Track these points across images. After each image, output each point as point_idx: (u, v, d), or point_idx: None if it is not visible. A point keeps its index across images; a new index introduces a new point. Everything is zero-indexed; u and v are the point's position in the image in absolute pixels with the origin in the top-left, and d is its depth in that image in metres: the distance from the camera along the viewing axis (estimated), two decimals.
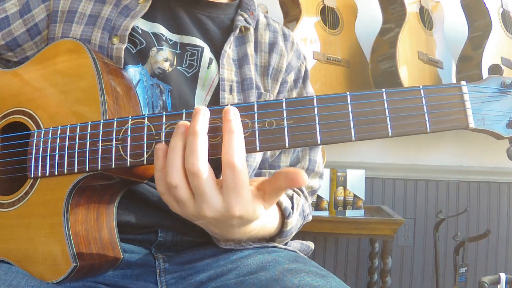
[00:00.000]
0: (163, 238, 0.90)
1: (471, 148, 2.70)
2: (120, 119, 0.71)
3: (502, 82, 0.64)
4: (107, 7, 0.92)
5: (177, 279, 0.88)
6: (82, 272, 0.74)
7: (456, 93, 0.63)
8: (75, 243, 0.73)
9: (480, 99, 0.63)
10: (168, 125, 0.68)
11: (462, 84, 0.63)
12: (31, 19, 0.94)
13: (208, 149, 0.64)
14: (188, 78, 0.93)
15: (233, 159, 0.60)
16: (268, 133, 0.64)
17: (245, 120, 0.65)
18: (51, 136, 0.76)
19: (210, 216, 0.64)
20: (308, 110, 0.63)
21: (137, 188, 0.87)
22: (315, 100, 0.63)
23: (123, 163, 0.69)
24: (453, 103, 0.62)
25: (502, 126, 0.64)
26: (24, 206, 0.77)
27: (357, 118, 0.62)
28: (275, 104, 0.64)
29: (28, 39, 0.95)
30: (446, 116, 0.62)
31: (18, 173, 0.81)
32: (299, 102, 0.64)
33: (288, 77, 1.03)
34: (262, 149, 0.64)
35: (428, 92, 0.62)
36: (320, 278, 0.77)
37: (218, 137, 0.65)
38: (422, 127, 0.62)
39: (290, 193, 0.95)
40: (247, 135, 0.64)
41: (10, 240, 0.78)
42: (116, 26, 0.90)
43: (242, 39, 0.99)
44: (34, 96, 0.82)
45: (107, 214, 0.81)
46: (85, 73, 0.78)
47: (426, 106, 0.62)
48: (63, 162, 0.73)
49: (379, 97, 0.63)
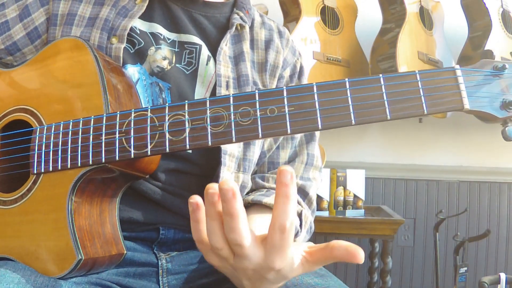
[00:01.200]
0: (164, 235, 0.91)
1: (471, 148, 2.70)
2: (123, 112, 0.72)
3: (494, 65, 0.66)
4: (106, 8, 0.93)
5: (180, 280, 0.89)
6: (86, 267, 0.75)
7: (451, 76, 0.65)
8: (79, 237, 0.73)
9: (474, 81, 0.65)
10: (171, 116, 0.69)
11: (456, 67, 0.65)
12: (31, 23, 0.95)
13: (211, 138, 0.65)
14: (187, 76, 0.94)
15: (286, 223, 0.59)
16: (270, 120, 0.65)
17: (247, 108, 0.66)
18: (53, 131, 0.76)
19: (250, 269, 0.63)
20: (308, 97, 0.65)
21: (139, 186, 0.87)
22: (315, 87, 0.65)
23: (127, 154, 0.70)
24: (448, 85, 0.64)
25: (496, 108, 0.65)
26: (27, 202, 0.78)
27: (356, 103, 0.64)
28: (276, 92, 0.66)
29: (28, 43, 0.96)
30: (442, 99, 0.64)
31: (21, 170, 0.81)
32: (299, 89, 0.65)
33: (285, 73, 1.04)
34: (265, 136, 0.65)
35: (424, 76, 0.64)
36: (318, 277, 0.78)
37: (220, 126, 0.66)
38: (419, 110, 0.64)
39: (299, 210, 0.94)
40: (249, 122, 0.65)
41: (13, 237, 0.78)
42: (114, 26, 0.91)
43: (238, 37, 1.00)
44: (36, 93, 0.82)
45: (110, 209, 0.82)
46: (87, 70, 0.78)
47: (423, 89, 0.64)
48: (66, 157, 0.74)
49: (376, 82, 0.64)
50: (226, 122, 0.66)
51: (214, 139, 0.66)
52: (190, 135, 0.67)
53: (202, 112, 0.67)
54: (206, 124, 0.67)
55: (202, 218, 0.61)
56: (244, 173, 0.97)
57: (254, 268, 0.63)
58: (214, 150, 0.90)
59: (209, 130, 0.67)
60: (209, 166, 0.91)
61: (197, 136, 0.67)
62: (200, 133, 0.67)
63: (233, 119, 0.66)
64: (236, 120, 0.66)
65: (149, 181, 0.88)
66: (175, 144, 0.68)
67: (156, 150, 0.69)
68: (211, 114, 0.66)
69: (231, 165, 0.92)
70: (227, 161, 0.91)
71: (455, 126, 2.67)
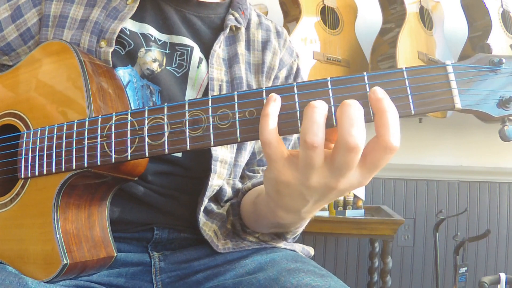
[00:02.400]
0: (159, 235, 0.91)
1: (471, 148, 2.69)
2: (104, 116, 0.71)
3: (490, 60, 0.61)
4: (96, 10, 0.92)
5: (173, 278, 0.89)
6: (75, 270, 0.75)
7: (441, 73, 0.60)
8: (65, 242, 0.73)
9: (467, 78, 0.60)
10: (151, 119, 0.68)
11: (447, 63, 0.61)
12: (23, 24, 0.94)
13: (189, 141, 0.65)
14: (178, 78, 0.93)
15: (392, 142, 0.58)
16: (249, 122, 0.63)
17: (225, 111, 0.64)
18: (39, 136, 0.76)
19: (317, 182, 0.61)
20: (288, 98, 0.62)
21: (130, 188, 0.87)
22: (296, 88, 0.62)
23: (108, 159, 0.70)
24: (438, 83, 0.60)
25: (492, 106, 0.61)
26: (16, 207, 0.78)
27: (338, 103, 0.59)
28: (256, 93, 0.64)
29: (22, 43, 0.95)
30: (430, 98, 0.60)
31: (10, 175, 0.82)
32: (279, 90, 0.63)
33: (280, 73, 1.02)
34: (243, 139, 0.64)
35: (411, 74, 0.60)
36: (319, 278, 0.77)
37: (199, 130, 0.65)
38: (406, 110, 0.60)
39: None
40: (228, 126, 0.64)
41: (3, 241, 0.79)
42: (104, 29, 0.90)
43: (232, 38, 0.98)
44: (24, 98, 0.82)
45: (99, 212, 0.82)
46: (71, 74, 0.78)
47: (410, 88, 0.60)
48: (51, 161, 0.74)
49: (360, 81, 0.61)
50: (205, 125, 0.65)
51: (192, 143, 0.65)
52: (169, 139, 0.66)
53: (181, 116, 0.66)
54: (185, 128, 0.66)
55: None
56: (234, 179, 0.96)
57: (319, 184, 0.61)
58: (205, 154, 0.89)
59: (188, 133, 0.65)
60: (199, 169, 0.91)
61: (176, 140, 0.66)
62: (179, 137, 0.66)
63: (211, 122, 0.65)
64: (215, 123, 0.64)
65: (139, 183, 0.88)
66: (154, 149, 0.67)
67: (136, 154, 0.68)
68: (190, 117, 0.65)
69: (223, 172, 0.91)
70: (218, 168, 0.90)
71: (455, 126, 2.66)
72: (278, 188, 0.64)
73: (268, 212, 0.75)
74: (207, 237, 0.90)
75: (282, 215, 0.71)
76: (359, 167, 0.60)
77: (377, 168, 0.60)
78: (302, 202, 0.65)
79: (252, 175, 1.00)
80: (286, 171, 0.62)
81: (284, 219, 0.73)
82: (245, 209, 0.92)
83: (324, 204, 0.67)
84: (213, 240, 0.90)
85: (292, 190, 0.63)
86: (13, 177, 0.81)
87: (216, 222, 0.93)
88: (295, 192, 0.63)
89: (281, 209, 0.70)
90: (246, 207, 0.91)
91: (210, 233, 0.91)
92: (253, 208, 0.86)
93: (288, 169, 0.62)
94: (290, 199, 0.65)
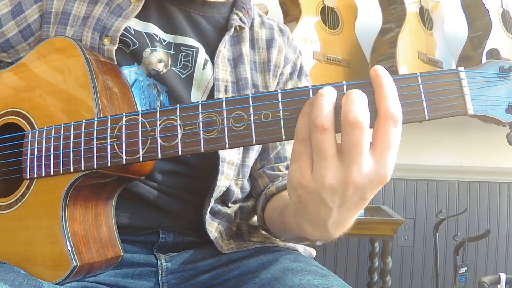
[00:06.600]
0: (164, 239, 0.91)
1: (471, 148, 2.69)
2: (114, 116, 0.70)
3: (500, 67, 0.62)
4: (99, 6, 0.91)
5: (179, 279, 0.89)
6: (83, 271, 0.74)
7: (454, 79, 0.61)
8: (74, 243, 0.73)
9: (479, 84, 0.61)
10: (163, 121, 0.67)
11: (460, 70, 0.62)
12: (24, 20, 0.93)
13: (203, 143, 0.64)
14: (183, 79, 0.92)
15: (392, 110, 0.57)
16: (264, 125, 0.63)
17: (240, 113, 0.64)
18: (45, 136, 0.75)
19: (332, 182, 0.59)
20: (304, 101, 0.61)
21: (135, 187, 0.87)
22: (311, 91, 0.62)
23: (119, 160, 0.69)
24: (451, 89, 0.60)
25: (502, 111, 0.62)
26: (21, 207, 0.77)
27: None
28: (271, 96, 0.63)
29: (21, 40, 0.94)
30: (444, 103, 0.60)
31: (15, 175, 0.80)
32: (294, 93, 0.63)
33: (285, 70, 1.02)
34: (258, 142, 0.63)
35: (426, 79, 0.61)
36: (321, 277, 0.77)
37: (213, 131, 0.65)
38: (420, 115, 0.60)
39: None
40: (243, 128, 0.63)
41: (9, 243, 0.77)
42: (107, 26, 0.89)
43: (237, 38, 0.98)
44: (27, 96, 0.81)
45: (106, 212, 0.81)
46: (77, 71, 0.77)
47: (424, 93, 0.60)
48: (58, 162, 0.73)
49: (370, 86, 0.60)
50: (219, 127, 0.64)
51: (207, 145, 0.64)
52: (183, 141, 0.66)
53: (195, 117, 0.66)
54: (199, 129, 0.65)
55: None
56: (243, 180, 0.96)
57: (335, 181, 0.59)
58: (212, 155, 0.89)
59: (202, 135, 0.65)
60: (207, 169, 0.90)
61: (190, 142, 0.65)
62: (193, 138, 0.65)
63: (226, 124, 0.64)
64: (230, 125, 0.64)
65: (145, 181, 0.87)
66: (167, 150, 0.66)
67: (148, 156, 0.67)
68: (203, 119, 0.65)
69: (230, 173, 0.90)
70: (225, 169, 0.89)
71: (455, 126, 2.66)
72: (299, 193, 0.63)
73: (296, 227, 0.74)
74: (213, 238, 0.89)
75: (309, 231, 0.69)
76: (371, 152, 0.58)
77: (389, 148, 0.58)
78: (325, 211, 0.63)
79: (272, 174, 0.98)
80: (306, 173, 0.61)
81: (311, 236, 0.71)
82: (271, 216, 0.90)
83: (349, 212, 0.64)
84: (218, 241, 0.90)
85: (311, 195, 0.62)
86: (14, 178, 0.80)
87: (222, 223, 0.93)
88: (315, 196, 0.62)
89: (306, 222, 0.68)
90: (273, 214, 0.89)
91: (216, 234, 0.91)
92: (280, 219, 0.83)
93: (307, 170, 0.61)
94: (313, 206, 0.63)
